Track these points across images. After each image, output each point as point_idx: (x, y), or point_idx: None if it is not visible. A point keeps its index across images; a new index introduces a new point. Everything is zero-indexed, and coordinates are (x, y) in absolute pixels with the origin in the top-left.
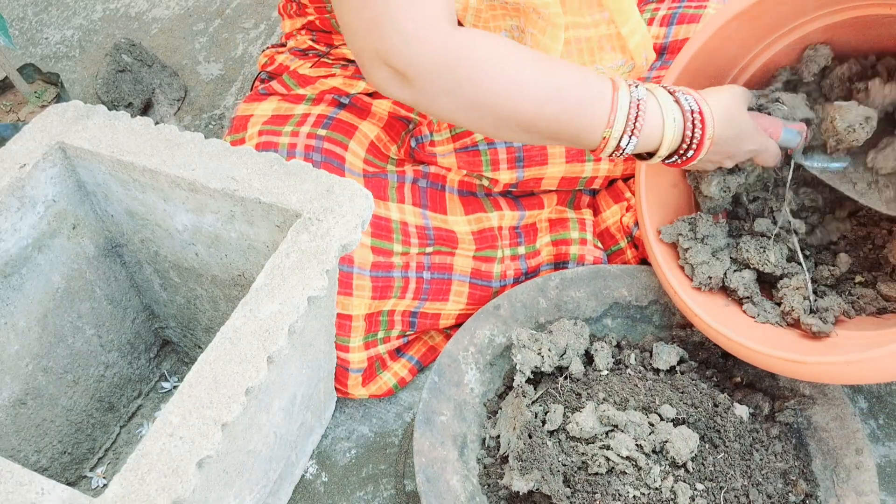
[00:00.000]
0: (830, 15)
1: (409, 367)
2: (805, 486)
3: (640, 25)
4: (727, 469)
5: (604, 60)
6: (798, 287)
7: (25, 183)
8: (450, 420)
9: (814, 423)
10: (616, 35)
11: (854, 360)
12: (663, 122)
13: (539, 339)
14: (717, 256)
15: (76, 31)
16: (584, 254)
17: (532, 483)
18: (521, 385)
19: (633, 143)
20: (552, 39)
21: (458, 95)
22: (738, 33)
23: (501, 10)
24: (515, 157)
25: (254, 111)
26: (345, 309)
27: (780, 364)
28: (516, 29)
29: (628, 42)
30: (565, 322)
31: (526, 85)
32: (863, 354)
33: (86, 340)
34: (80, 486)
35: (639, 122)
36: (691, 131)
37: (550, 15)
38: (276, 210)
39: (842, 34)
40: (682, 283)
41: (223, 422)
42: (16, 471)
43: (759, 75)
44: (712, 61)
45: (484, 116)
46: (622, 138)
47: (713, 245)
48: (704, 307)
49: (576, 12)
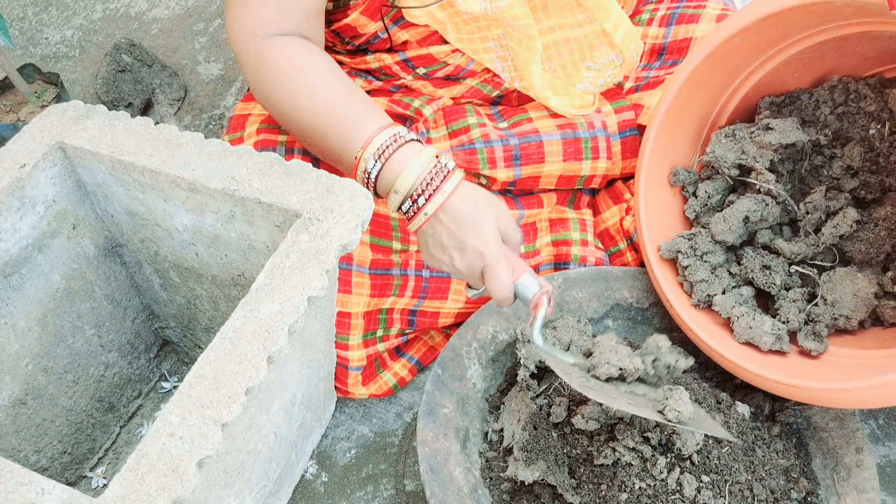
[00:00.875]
0: (832, 30)
1: (409, 366)
2: (806, 483)
3: (623, 19)
4: (732, 463)
5: (595, 57)
6: (795, 300)
7: (25, 183)
8: (452, 413)
9: (813, 423)
10: (602, 31)
11: (844, 389)
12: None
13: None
14: (717, 273)
15: (76, 31)
16: (586, 255)
17: (537, 473)
18: (524, 379)
19: (377, 166)
20: (528, 50)
21: (259, 92)
22: (742, 46)
23: (485, 21)
24: (512, 155)
25: (251, 110)
26: (344, 307)
27: (772, 385)
28: (502, 37)
29: (613, 37)
30: (569, 319)
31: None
32: (852, 384)
33: (86, 340)
34: (80, 486)
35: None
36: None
37: (523, 27)
38: (276, 210)
39: (848, 43)
40: (679, 298)
41: (223, 422)
42: (16, 471)
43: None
44: (715, 73)
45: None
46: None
47: (712, 262)
48: (701, 324)
49: (558, 14)
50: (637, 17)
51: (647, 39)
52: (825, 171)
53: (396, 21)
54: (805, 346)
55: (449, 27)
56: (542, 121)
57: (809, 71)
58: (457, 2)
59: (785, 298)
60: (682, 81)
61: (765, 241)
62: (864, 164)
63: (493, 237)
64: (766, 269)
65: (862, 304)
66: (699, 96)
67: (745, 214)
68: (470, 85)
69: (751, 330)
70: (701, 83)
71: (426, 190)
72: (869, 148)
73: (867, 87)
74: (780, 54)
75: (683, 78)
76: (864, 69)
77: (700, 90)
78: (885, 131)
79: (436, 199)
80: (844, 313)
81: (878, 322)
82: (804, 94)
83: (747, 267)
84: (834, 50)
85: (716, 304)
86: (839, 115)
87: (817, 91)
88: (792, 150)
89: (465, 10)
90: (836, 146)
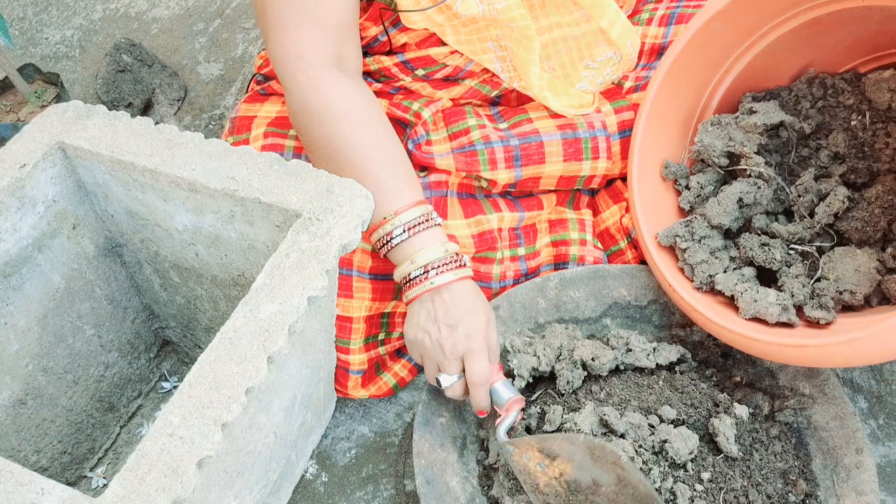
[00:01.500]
0: (810, 10)
1: (409, 367)
2: (805, 485)
3: (619, 16)
4: (727, 469)
5: (594, 55)
6: (798, 275)
7: (25, 183)
8: (449, 422)
9: (813, 422)
10: (599, 29)
11: (857, 338)
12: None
13: (533, 342)
14: (716, 256)
15: (76, 31)
16: (584, 254)
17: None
18: None
19: (403, 237)
20: (526, 50)
21: (296, 121)
22: (720, 33)
23: (483, 23)
24: (513, 156)
25: (257, 112)
26: (345, 311)
27: (782, 351)
28: (501, 37)
29: (610, 34)
30: (556, 326)
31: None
32: (865, 331)
33: (86, 340)
34: (80, 486)
35: (420, 228)
36: (447, 261)
37: (521, 28)
38: (276, 210)
39: (822, 30)
40: (681, 283)
41: (223, 422)
42: (16, 471)
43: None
44: (696, 62)
45: (309, 148)
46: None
47: (711, 245)
48: (705, 303)
49: (556, 13)
50: (636, 16)
51: (647, 39)
52: (813, 161)
53: (396, 24)
54: (813, 315)
55: (448, 29)
56: (542, 121)
57: (788, 64)
58: (454, 5)
59: (787, 275)
60: (664, 72)
61: (761, 225)
62: (850, 151)
63: (482, 329)
64: (764, 247)
65: (865, 278)
66: (683, 88)
67: (739, 196)
68: (469, 86)
69: (756, 303)
70: (683, 74)
71: (440, 268)
72: (853, 137)
73: (843, 82)
74: (759, 42)
75: (666, 68)
76: (840, 64)
77: (683, 82)
78: (867, 121)
79: (446, 276)
80: (849, 288)
81: (886, 300)
82: (784, 91)
83: (746, 246)
84: (810, 38)
85: (718, 282)
86: (820, 108)
87: (795, 85)
88: (778, 141)
89: (463, 12)
90: (820, 138)
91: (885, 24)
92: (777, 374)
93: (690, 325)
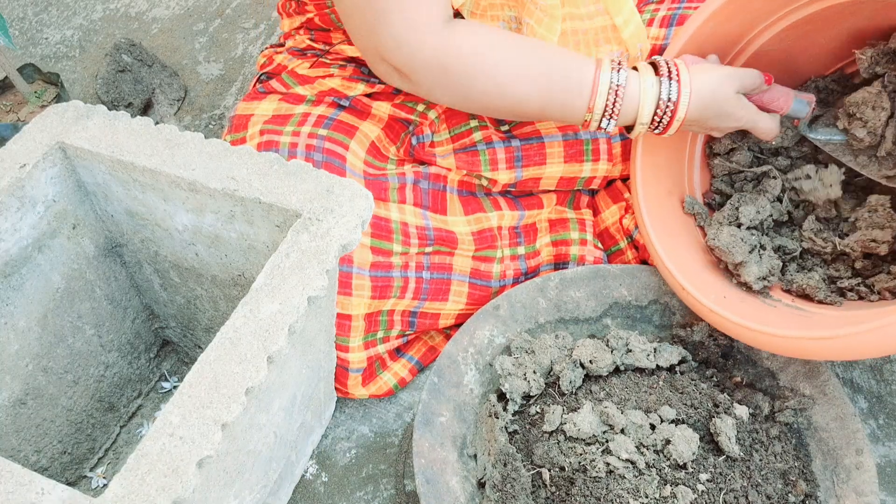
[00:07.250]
0: (794, 12)
1: (409, 367)
2: (805, 486)
3: (634, 15)
4: (727, 470)
5: (600, 53)
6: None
7: (25, 183)
8: (449, 421)
9: (814, 423)
10: (611, 27)
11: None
12: (638, 106)
13: (522, 363)
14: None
15: (76, 31)
16: (585, 254)
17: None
18: (494, 405)
19: (612, 123)
20: (548, 30)
21: (450, 90)
22: (714, 36)
23: (500, 1)
24: (514, 157)
25: (254, 110)
26: (344, 309)
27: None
28: (514, 20)
29: (622, 32)
30: (546, 338)
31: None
32: (867, 325)
33: (86, 340)
34: (80, 486)
35: (616, 106)
36: (660, 117)
37: (548, 7)
38: (276, 210)
39: (812, 29)
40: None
41: (223, 422)
42: (16, 471)
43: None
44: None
45: (474, 107)
46: (601, 120)
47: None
48: (706, 294)
49: (571, 4)
50: None
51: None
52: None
53: None
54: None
55: (467, 4)
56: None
57: (780, 69)
58: None
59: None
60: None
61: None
62: None
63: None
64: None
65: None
66: None
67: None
68: None
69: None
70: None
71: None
72: None
73: (834, 83)
74: (753, 43)
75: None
76: (827, 67)
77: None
78: None
79: (673, 126)
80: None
81: None
82: None
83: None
84: (799, 39)
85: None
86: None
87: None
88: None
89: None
90: None
91: (872, 20)
92: (777, 374)
93: (691, 325)
